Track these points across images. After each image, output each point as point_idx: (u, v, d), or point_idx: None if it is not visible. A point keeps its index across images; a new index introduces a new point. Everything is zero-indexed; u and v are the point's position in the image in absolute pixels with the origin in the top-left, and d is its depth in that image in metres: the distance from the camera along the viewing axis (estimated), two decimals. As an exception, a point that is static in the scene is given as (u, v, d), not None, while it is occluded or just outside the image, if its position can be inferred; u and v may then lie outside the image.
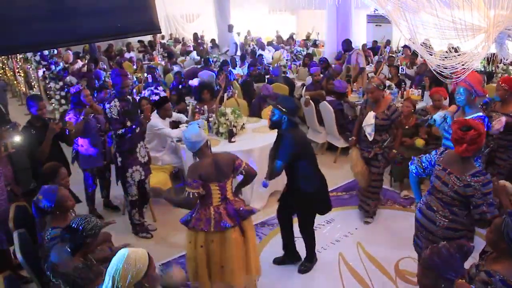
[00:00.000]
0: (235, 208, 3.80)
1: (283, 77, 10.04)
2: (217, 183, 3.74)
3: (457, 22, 3.35)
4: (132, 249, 2.44)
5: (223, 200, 3.80)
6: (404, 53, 11.94)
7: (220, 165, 3.77)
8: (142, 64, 12.40)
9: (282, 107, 4.05)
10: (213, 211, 3.74)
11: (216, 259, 3.79)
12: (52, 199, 3.46)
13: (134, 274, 2.33)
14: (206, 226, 3.71)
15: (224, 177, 3.77)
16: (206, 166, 3.72)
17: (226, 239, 3.74)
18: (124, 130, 4.94)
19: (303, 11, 20.07)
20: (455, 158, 3.33)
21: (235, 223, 3.75)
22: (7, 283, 3.07)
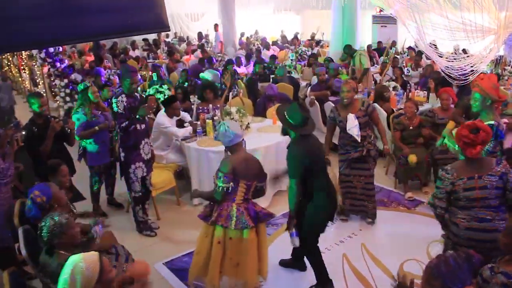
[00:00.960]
0: (255, 210, 3.83)
1: (288, 77, 10.03)
2: (245, 181, 3.77)
3: (467, 23, 3.33)
4: (82, 256, 2.36)
5: (245, 200, 3.82)
6: (409, 54, 11.92)
7: (251, 165, 3.82)
8: (146, 62, 12.39)
9: (289, 119, 3.87)
10: (236, 208, 3.76)
11: (231, 256, 3.80)
12: (48, 192, 3.56)
13: (84, 283, 2.26)
14: (227, 222, 3.73)
15: (252, 177, 3.81)
16: (239, 161, 3.77)
17: (244, 238, 3.75)
18: (127, 122, 4.94)
19: (308, 11, 20.07)
20: (469, 163, 3.31)
21: (254, 224, 3.77)
22: (12, 279, 3.07)
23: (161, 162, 6.08)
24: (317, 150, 4.01)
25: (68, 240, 3.05)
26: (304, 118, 3.87)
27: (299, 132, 3.87)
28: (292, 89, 9.33)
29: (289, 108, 3.95)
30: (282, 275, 4.56)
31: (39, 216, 3.52)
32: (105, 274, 2.35)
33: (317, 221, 4.04)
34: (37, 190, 3.58)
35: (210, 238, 3.83)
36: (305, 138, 3.90)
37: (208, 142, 5.97)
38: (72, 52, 14.43)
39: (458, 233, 3.36)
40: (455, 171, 3.30)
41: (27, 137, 4.96)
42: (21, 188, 4.77)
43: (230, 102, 6.91)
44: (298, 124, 3.85)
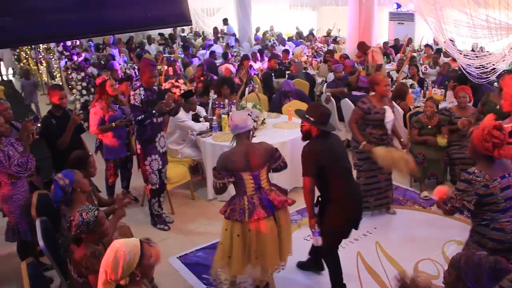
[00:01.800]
0: (269, 199, 3.77)
1: (304, 73, 9.99)
2: (249, 172, 3.73)
3: (491, 21, 3.28)
4: (124, 241, 2.42)
5: (257, 190, 3.77)
6: (426, 52, 11.80)
7: (254, 155, 3.74)
8: (162, 57, 12.43)
9: (310, 117, 3.81)
10: (247, 201, 3.73)
11: (254, 248, 3.76)
12: (71, 176, 3.61)
13: (125, 266, 2.33)
14: (241, 216, 3.71)
15: (257, 167, 3.75)
16: (235, 156, 3.73)
17: (262, 229, 3.73)
18: (143, 116, 4.96)
19: (324, 7, 19.97)
20: (491, 164, 3.20)
21: (268, 214, 3.73)
22: (30, 269, 3.10)
23: (176, 157, 6.11)
24: (339, 150, 3.91)
25: (98, 236, 3.10)
26: (326, 112, 3.85)
27: (321, 127, 3.79)
28: (308, 86, 9.29)
29: (311, 106, 3.97)
30: (296, 276, 4.54)
31: (60, 198, 3.60)
32: (146, 259, 2.42)
33: (335, 223, 3.93)
34: (61, 173, 3.66)
35: (230, 231, 3.82)
36: (325, 137, 3.83)
37: (223, 137, 5.97)
38: (88, 46, 14.52)
39: (506, 238, 3.18)
40: (486, 173, 3.14)
41: (46, 130, 4.98)
42: (37, 183, 4.80)
43: (246, 98, 6.89)
44: (321, 119, 3.79)
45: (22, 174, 4.12)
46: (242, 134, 3.78)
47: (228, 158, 3.75)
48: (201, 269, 4.62)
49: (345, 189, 3.85)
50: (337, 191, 3.83)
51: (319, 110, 3.86)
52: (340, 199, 3.84)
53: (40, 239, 3.56)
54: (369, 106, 5.10)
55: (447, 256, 4.66)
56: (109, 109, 5.56)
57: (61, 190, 3.58)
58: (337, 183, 3.81)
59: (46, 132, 4.98)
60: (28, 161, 4.12)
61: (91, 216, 3.02)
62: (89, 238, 3.06)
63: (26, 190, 4.32)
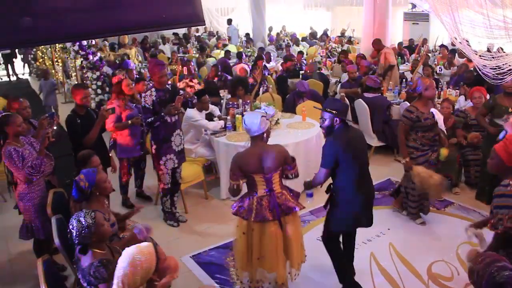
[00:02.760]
0: (278, 203, 3.78)
1: (318, 74, 9.98)
2: (262, 174, 3.75)
3: (508, 21, 3.25)
4: (138, 249, 2.39)
5: (268, 192, 3.80)
6: (441, 52, 11.71)
7: (267, 157, 3.75)
8: (177, 57, 12.50)
9: (332, 109, 3.82)
10: (256, 202, 3.77)
11: (256, 248, 3.82)
12: (93, 178, 3.54)
13: (144, 275, 2.31)
14: (248, 215, 3.76)
15: (270, 170, 3.76)
16: (248, 158, 3.76)
17: (265, 231, 3.76)
18: (153, 118, 4.99)
19: (338, 7, 19.92)
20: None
21: (274, 217, 3.75)
22: (46, 266, 3.14)
23: (190, 156, 6.13)
24: (358, 143, 3.93)
25: (100, 238, 3.09)
26: (344, 103, 3.99)
27: (343, 117, 3.82)
28: (322, 86, 9.29)
29: (328, 100, 4.14)
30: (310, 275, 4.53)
31: (78, 199, 3.56)
32: (161, 262, 2.44)
33: (341, 216, 3.98)
34: (83, 174, 3.58)
35: (240, 228, 3.89)
36: (347, 129, 3.87)
37: (237, 137, 5.99)
38: (104, 45, 14.64)
39: None
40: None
41: (72, 129, 4.98)
42: (54, 182, 4.85)
43: (260, 98, 6.90)
44: (341, 109, 3.82)
45: (34, 176, 4.13)
46: (255, 136, 3.80)
47: (241, 158, 3.79)
48: (214, 269, 4.64)
49: (358, 183, 3.88)
50: (349, 184, 3.86)
51: (338, 103, 3.97)
52: (350, 192, 3.88)
53: (55, 237, 3.61)
54: (417, 114, 4.99)
55: (462, 258, 4.62)
56: (126, 107, 5.62)
57: (79, 191, 3.53)
58: (351, 176, 3.84)
59: (71, 131, 4.99)
60: (41, 163, 4.14)
61: (89, 219, 2.99)
62: (94, 242, 3.02)
63: (41, 189, 4.36)
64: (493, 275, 2.32)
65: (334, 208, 4.01)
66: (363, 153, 3.98)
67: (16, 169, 4.09)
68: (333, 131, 3.87)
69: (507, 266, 2.34)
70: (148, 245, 2.44)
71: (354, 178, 3.86)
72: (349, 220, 4.02)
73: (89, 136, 4.91)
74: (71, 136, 5.01)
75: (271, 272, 3.90)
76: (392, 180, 6.63)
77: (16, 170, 4.11)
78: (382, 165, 7.24)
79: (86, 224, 2.92)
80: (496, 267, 2.34)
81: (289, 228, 3.86)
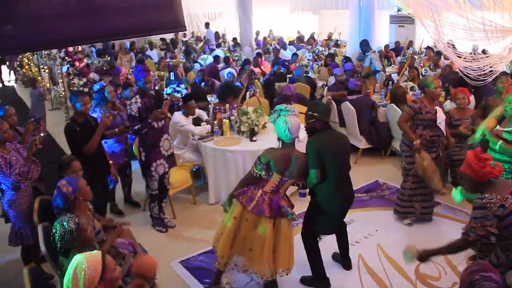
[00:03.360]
0: (279, 204, 3.88)
1: (305, 77, 10.03)
2: (280, 175, 3.86)
3: (487, 24, 3.30)
4: (85, 256, 2.39)
5: (274, 192, 3.91)
6: (427, 54, 11.82)
7: (292, 162, 3.86)
8: (165, 62, 12.49)
9: (313, 113, 3.95)
10: (260, 194, 3.88)
11: (244, 236, 3.92)
12: (75, 183, 3.55)
13: (86, 282, 2.29)
14: (247, 203, 3.87)
15: (291, 175, 3.88)
16: (279, 155, 3.87)
17: (258, 225, 3.86)
18: (139, 125, 4.99)
19: (325, 11, 20.02)
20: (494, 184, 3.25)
21: (271, 215, 3.85)
22: (32, 274, 3.12)
23: (178, 161, 6.12)
24: (338, 146, 4.01)
25: (82, 243, 3.07)
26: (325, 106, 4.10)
27: (324, 119, 3.96)
28: (309, 89, 9.32)
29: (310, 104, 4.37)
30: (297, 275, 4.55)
31: (61, 206, 3.53)
32: (108, 273, 2.38)
33: (317, 217, 4.11)
34: (65, 180, 3.59)
35: (231, 212, 3.98)
36: (329, 132, 3.99)
37: (224, 142, 6.00)
38: (90, 51, 14.59)
39: None
40: (495, 194, 3.14)
41: (71, 137, 4.85)
42: (41, 188, 4.81)
43: (247, 102, 6.92)
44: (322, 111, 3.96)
45: (22, 183, 4.11)
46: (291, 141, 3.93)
47: (272, 153, 3.88)
48: (203, 274, 4.63)
49: (336, 186, 3.98)
50: (327, 185, 3.96)
51: (319, 105, 4.09)
52: (327, 193, 3.99)
53: (42, 245, 3.58)
54: (420, 105, 5.03)
55: (448, 258, 4.66)
56: (109, 115, 5.59)
57: (62, 197, 3.53)
58: (329, 178, 3.94)
59: (71, 139, 4.86)
60: (29, 170, 4.13)
61: (72, 224, 2.99)
62: (76, 247, 3.02)
63: (29, 195, 4.34)
64: (474, 283, 2.36)
65: (312, 208, 4.14)
66: (343, 157, 4.07)
67: (3, 176, 4.07)
68: (315, 133, 3.99)
69: (492, 277, 2.36)
70: (96, 253, 2.43)
71: (332, 180, 3.95)
72: (323, 222, 4.14)
73: (90, 144, 4.80)
74: (71, 144, 4.90)
75: (252, 265, 4.00)
76: (380, 181, 6.67)
77: (3, 177, 4.09)
78: (370, 166, 7.29)
79: (69, 229, 2.94)
80: (480, 276, 2.37)
81: (283, 231, 3.96)
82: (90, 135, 4.82)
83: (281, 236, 3.96)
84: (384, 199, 6.15)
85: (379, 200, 6.08)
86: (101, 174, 5.12)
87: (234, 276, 4.45)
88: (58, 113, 11.44)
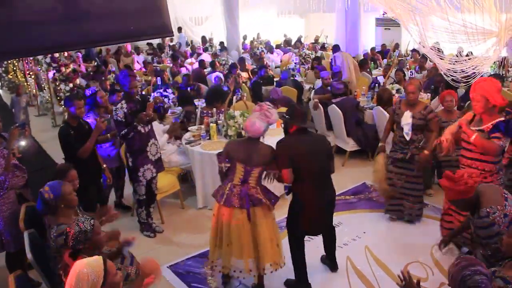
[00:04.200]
0: (248, 193, 3.96)
1: (292, 80, 10.06)
2: (243, 164, 3.98)
3: (468, 26, 3.34)
4: (86, 262, 2.40)
5: (243, 183, 4.01)
6: (413, 57, 11.92)
7: (253, 152, 3.98)
8: (152, 67, 12.45)
9: (286, 115, 4.09)
10: (229, 188, 4.02)
11: (225, 235, 4.04)
12: (58, 190, 3.53)
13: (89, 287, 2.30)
14: (220, 199, 4.03)
15: (252, 163, 3.97)
16: (237, 145, 4.14)
17: (233, 218, 3.98)
18: (126, 130, 4.98)
19: (312, 14, 20.08)
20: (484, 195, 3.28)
21: (242, 206, 3.95)
22: (18, 282, 3.09)
23: (165, 166, 6.10)
24: (314, 148, 4.04)
25: (93, 245, 3.08)
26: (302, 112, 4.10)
27: (294, 123, 4.01)
28: (296, 92, 9.35)
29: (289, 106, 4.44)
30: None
31: (42, 211, 3.55)
32: (110, 277, 2.38)
33: (296, 215, 4.18)
34: (48, 186, 3.57)
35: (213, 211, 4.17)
36: (301, 134, 4.04)
37: (212, 146, 5.99)
38: (76, 57, 14.51)
39: None
40: (494, 205, 3.16)
41: (65, 141, 4.83)
42: (27, 195, 4.77)
43: (234, 106, 6.92)
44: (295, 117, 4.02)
45: None
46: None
47: (233, 144, 4.17)
48: (192, 278, 4.63)
49: (313, 186, 4.03)
50: (304, 185, 4.02)
51: (294, 109, 4.14)
52: (305, 193, 4.05)
53: (28, 252, 3.55)
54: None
55: (435, 258, 4.71)
56: (103, 120, 5.57)
57: (43, 203, 3.52)
58: (304, 181, 4.00)
59: (64, 143, 4.85)
60: (5, 180, 4.11)
61: (87, 225, 3.02)
62: (87, 249, 3.03)
63: (12, 202, 4.32)
64: (465, 278, 2.39)
65: (291, 210, 4.23)
66: (320, 158, 4.07)
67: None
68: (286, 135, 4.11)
69: (481, 271, 2.41)
70: (97, 258, 2.43)
71: (308, 180, 4.01)
72: (302, 221, 4.17)
73: (84, 148, 4.78)
74: (64, 148, 4.89)
75: (239, 259, 4.07)
76: (367, 183, 6.70)
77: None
78: (357, 168, 7.33)
79: (84, 229, 2.97)
80: (470, 271, 2.40)
81: (258, 221, 4.01)
82: (84, 139, 4.83)
83: (259, 226, 4.02)
84: (372, 201, 6.18)
85: (367, 202, 6.11)
86: (94, 177, 5.13)
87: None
88: (45, 119, 11.36)
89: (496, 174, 4.11)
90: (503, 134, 3.93)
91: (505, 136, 3.94)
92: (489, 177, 4.08)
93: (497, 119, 3.98)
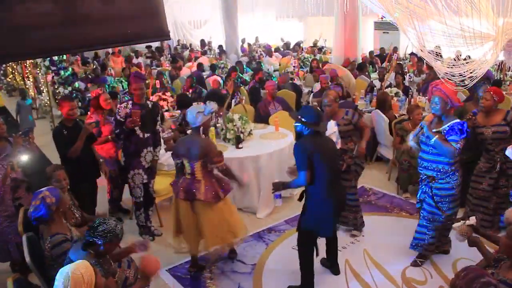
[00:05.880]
0: (191, 187, 4.36)
1: (291, 84, 10.07)
2: (188, 159, 4.37)
3: (466, 30, 3.36)
4: (75, 265, 2.42)
5: (191, 176, 4.40)
6: (412, 60, 11.94)
7: (194, 146, 4.32)
8: (150, 70, 12.46)
9: (301, 119, 3.96)
10: (181, 181, 4.46)
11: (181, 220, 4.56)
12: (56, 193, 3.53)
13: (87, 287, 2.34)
14: (174, 191, 4.56)
15: (192, 158, 4.33)
16: (181, 142, 4.54)
17: (179, 206, 4.49)
18: (118, 130, 5.00)
19: (310, 18, 20.14)
20: None
21: (186, 198, 4.39)
22: (17, 285, 3.09)
23: (163, 169, 6.11)
24: (329, 151, 4.03)
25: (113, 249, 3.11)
26: (317, 113, 4.02)
27: (312, 127, 3.92)
28: (294, 96, 9.36)
29: (303, 108, 4.48)
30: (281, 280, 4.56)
31: (46, 217, 3.45)
32: (98, 277, 2.44)
33: (314, 219, 4.07)
34: (47, 190, 3.51)
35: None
36: (316, 137, 3.97)
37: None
38: (75, 60, 14.52)
39: None
40: None
41: (58, 140, 4.92)
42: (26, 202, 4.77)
43: (233, 109, 6.93)
44: (311, 120, 3.93)
45: None
46: (194, 128, 4.40)
47: (178, 143, 4.59)
48: (190, 281, 4.63)
49: (327, 190, 3.96)
50: (321, 187, 3.95)
51: (310, 111, 4.06)
52: (322, 194, 3.97)
53: (27, 255, 3.54)
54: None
55: (434, 261, 4.71)
56: (105, 121, 5.59)
57: (47, 209, 3.44)
58: (320, 182, 3.93)
59: (57, 142, 4.94)
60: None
61: (119, 230, 3.05)
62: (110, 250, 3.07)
63: (9, 215, 4.43)
64: None
65: (307, 212, 4.11)
66: (333, 160, 4.08)
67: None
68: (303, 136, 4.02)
69: (490, 282, 2.39)
70: (82, 261, 2.48)
71: (326, 182, 3.94)
72: (321, 224, 4.10)
73: (72, 149, 4.84)
74: (57, 146, 4.99)
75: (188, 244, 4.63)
76: (366, 187, 6.71)
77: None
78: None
79: (116, 232, 3.02)
80: (480, 284, 2.39)
81: (198, 210, 4.40)
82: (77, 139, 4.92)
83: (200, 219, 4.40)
84: (371, 204, 6.20)
85: (366, 205, 6.11)
86: (88, 177, 5.21)
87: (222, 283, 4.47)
88: (44, 123, 11.33)
89: (451, 175, 4.24)
90: (459, 136, 4.03)
91: (461, 138, 4.05)
92: (445, 178, 4.23)
93: (453, 121, 4.11)
